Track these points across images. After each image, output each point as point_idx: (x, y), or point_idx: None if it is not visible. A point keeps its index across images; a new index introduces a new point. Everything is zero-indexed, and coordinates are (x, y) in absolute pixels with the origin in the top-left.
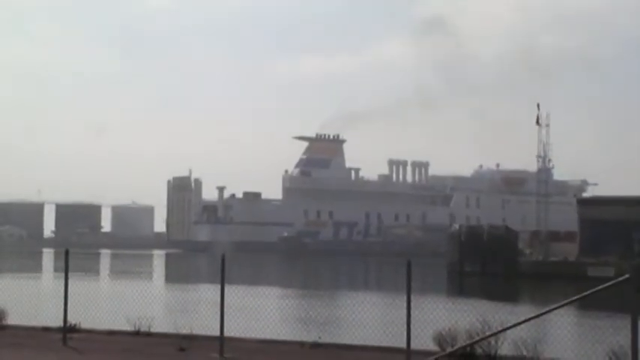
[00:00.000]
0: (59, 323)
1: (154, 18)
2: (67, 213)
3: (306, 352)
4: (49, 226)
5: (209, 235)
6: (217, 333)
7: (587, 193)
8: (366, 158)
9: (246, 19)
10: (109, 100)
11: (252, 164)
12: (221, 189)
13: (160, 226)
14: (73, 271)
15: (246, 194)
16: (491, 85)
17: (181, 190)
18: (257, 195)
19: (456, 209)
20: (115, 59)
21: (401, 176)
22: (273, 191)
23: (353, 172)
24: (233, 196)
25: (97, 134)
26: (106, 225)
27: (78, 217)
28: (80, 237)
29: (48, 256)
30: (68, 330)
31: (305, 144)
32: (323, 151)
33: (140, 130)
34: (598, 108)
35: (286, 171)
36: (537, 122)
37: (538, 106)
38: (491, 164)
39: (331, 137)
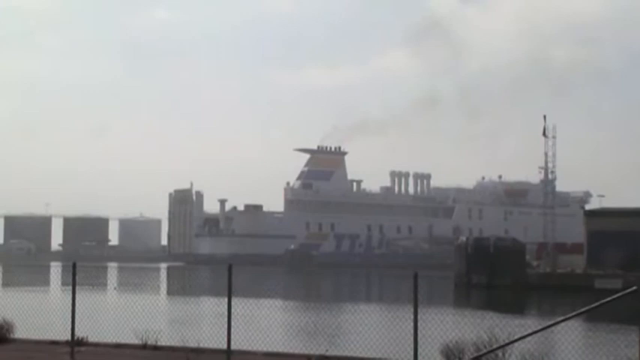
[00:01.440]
0: (67, 337)
1: (158, 30)
2: (75, 226)
3: None
4: (56, 240)
5: (210, 248)
6: (224, 346)
7: (592, 205)
8: (368, 170)
9: (249, 29)
10: (113, 112)
11: (253, 176)
12: (222, 201)
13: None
14: (81, 285)
15: (247, 207)
16: (496, 94)
17: (183, 202)
18: (258, 207)
19: (458, 221)
20: (119, 71)
21: (403, 188)
22: (274, 203)
23: (355, 184)
24: (234, 208)
25: (101, 138)
26: (114, 238)
27: (86, 231)
28: (88, 250)
29: (55, 269)
30: (76, 343)
31: (307, 156)
32: (325, 163)
33: (145, 141)
34: (605, 118)
35: (288, 183)
36: (544, 134)
37: (545, 117)
38: (493, 176)
39: (333, 149)
